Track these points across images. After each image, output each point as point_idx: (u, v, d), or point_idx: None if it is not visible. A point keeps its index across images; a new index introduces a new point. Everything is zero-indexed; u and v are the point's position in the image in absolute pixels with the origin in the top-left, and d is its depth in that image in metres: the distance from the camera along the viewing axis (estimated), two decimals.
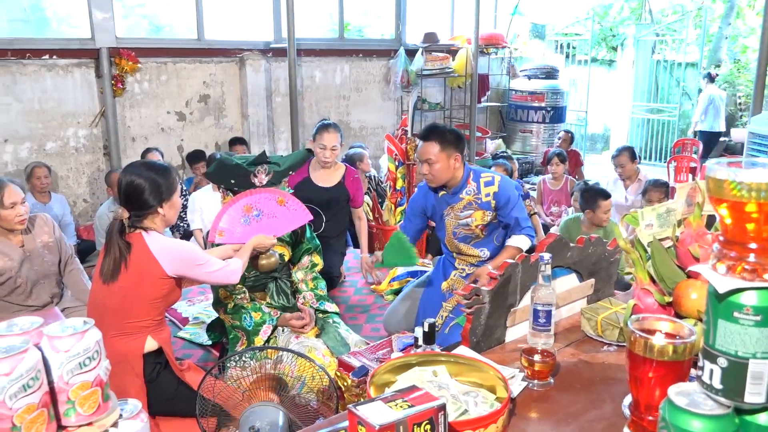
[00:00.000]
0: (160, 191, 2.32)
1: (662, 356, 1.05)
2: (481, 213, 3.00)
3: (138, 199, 2.31)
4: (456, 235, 3.07)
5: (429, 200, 3.14)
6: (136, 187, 2.31)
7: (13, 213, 2.96)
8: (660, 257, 1.46)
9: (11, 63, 5.14)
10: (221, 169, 2.88)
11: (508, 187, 3.01)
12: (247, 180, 2.84)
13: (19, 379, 0.89)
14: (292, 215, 2.86)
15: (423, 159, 2.94)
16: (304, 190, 3.97)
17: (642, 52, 10.07)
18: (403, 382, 1.36)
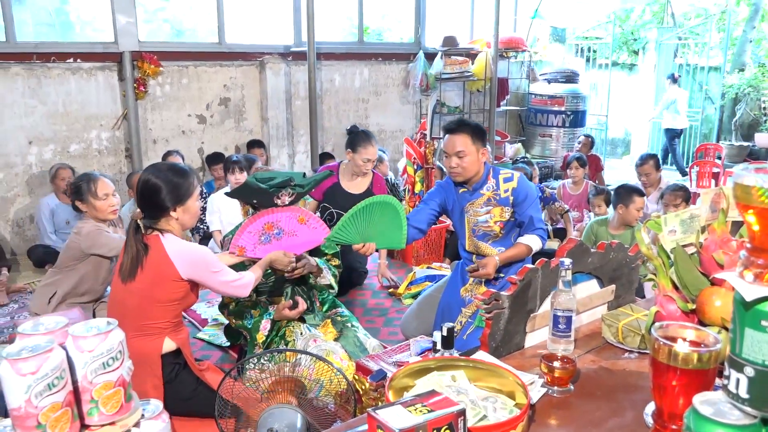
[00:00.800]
0: (174, 194, 2.33)
1: (687, 364, 1.03)
2: (500, 209, 3.00)
3: (151, 199, 2.34)
4: (475, 233, 3.06)
5: (449, 196, 3.13)
6: (151, 187, 2.33)
7: (106, 203, 3.23)
8: (683, 264, 1.44)
9: (36, 66, 5.23)
10: (245, 190, 2.90)
11: (526, 184, 3.03)
12: (270, 201, 2.86)
13: (44, 378, 0.91)
14: (311, 233, 2.87)
15: (453, 152, 2.92)
16: (333, 196, 4.08)
17: (664, 56, 9.96)
18: (421, 386, 1.36)
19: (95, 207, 3.23)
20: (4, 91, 5.11)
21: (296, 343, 2.90)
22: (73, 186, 3.32)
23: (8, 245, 5.25)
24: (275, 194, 2.83)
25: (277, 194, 2.84)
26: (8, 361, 0.90)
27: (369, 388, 2.40)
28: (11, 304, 4.23)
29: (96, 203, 3.22)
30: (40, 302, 3.32)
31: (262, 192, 2.82)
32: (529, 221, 2.98)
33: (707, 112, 9.90)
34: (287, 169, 6.60)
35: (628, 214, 4.05)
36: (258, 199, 2.87)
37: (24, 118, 5.23)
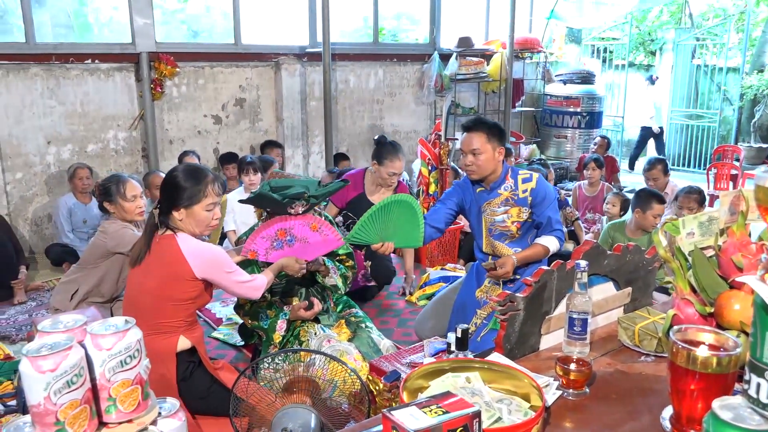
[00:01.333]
0: (181, 195, 2.34)
1: (706, 368, 1.02)
2: (518, 209, 2.99)
3: (163, 194, 2.39)
4: (492, 232, 3.05)
5: (466, 195, 3.13)
6: (166, 182, 2.39)
7: (134, 205, 3.29)
8: (701, 267, 1.43)
9: (55, 67, 5.29)
10: (260, 200, 2.92)
11: (545, 185, 3.02)
12: (284, 210, 2.88)
13: (63, 376, 0.92)
14: (323, 241, 2.90)
15: (468, 149, 2.93)
16: (359, 206, 4.02)
17: (681, 57, 9.87)
18: (436, 387, 1.35)
19: (123, 208, 3.28)
20: (23, 92, 5.18)
21: (310, 343, 2.91)
22: (101, 187, 3.36)
23: (27, 244, 5.32)
24: (289, 204, 2.85)
25: (290, 205, 2.86)
26: (28, 358, 0.91)
27: (383, 389, 2.40)
28: (29, 301, 4.28)
29: (124, 204, 3.28)
30: (62, 298, 3.37)
31: (277, 202, 2.84)
32: (547, 222, 2.97)
33: (725, 114, 9.78)
34: (302, 171, 6.62)
35: (645, 220, 4.01)
36: (272, 208, 2.90)
37: (43, 118, 5.29)
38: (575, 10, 9.08)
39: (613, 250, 1.90)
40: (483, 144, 2.91)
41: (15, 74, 5.12)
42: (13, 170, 5.23)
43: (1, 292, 4.28)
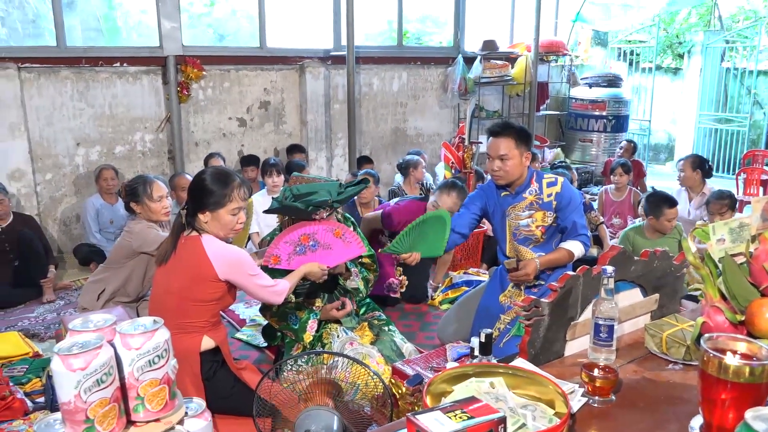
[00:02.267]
0: (207, 198, 2.36)
1: (738, 378, 1.00)
2: (542, 213, 2.96)
3: (191, 196, 2.41)
4: (516, 237, 3.03)
5: (490, 199, 3.11)
6: (194, 184, 2.42)
7: (160, 205, 3.34)
8: (732, 274, 1.40)
9: (85, 70, 5.39)
10: (284, 209, 2.96)
11: (570, 189, 2.99)
12: (308, 217, 2.91)
13: (93, 374, 0.93)
14: (346, 247, 2.90)
15: (496, 155, 2.91)
16: None
17: (710, 60, 9.71)
18: (459, 392, 1.35)
19: (149, 208, 3.33)
20: (54, 94, 5.28)
21: (333, 345, 2.92)
22: (128, 187, 3.41)
23: (55, 243, 5.42)
24: (313, 212, 2.88)
25: (315, 212, 2.88)
26: (60, 356, 0.93)
27: (405, 393, 2.40)
28: (58, 300, 4.35)
29: (151, 205, 3.33)
30: (89, 298, 3.42)
31: (301, 211, 2.87)
32: (572, 227, 2.95)
33: (756, 117, 9.60)
34: (325, 173, 6.64)
35: (659, 225, 3.97)
36: (296, 215, 2.91)
37: (72, 120, 5.39)
38: (601, 13, 8.99)
39: (641, 255, 1.88)
40: (511, 149, 2.89)
41: (46, 77, 5.22)
42: (44, 171, 5.33)
43: (31, 291, 4.36)
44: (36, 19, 5.53)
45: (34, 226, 4.68)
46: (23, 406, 2.75)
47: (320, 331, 2.97)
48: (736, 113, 9.51)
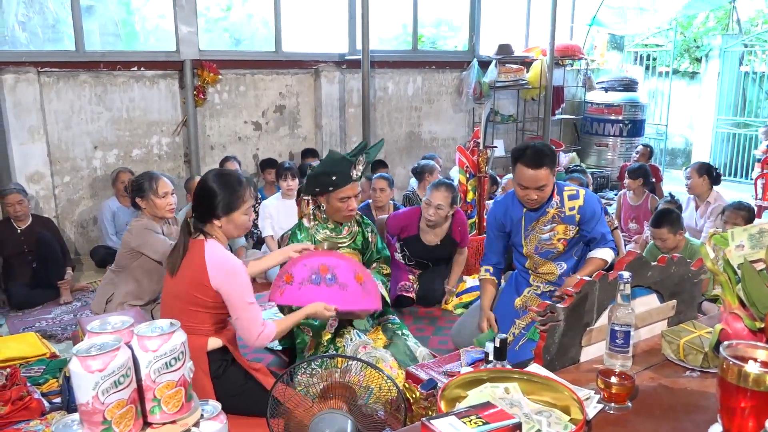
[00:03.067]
0: (222, 203, 2.34)
1: (758, 386, 0.99)
2: (564, 227, 2.94)
3: (201, 202, 2.38)
4: (537, 250, 3.00)
5: (510, 215, 3.05)
6: (204, 190, 2.38)
7: (165, 202, 3.37)
8: (751, 280, 1.39)
9: (103, 74, 5.45)
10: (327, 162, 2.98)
11: (593, 201, 2.95)
12: (347, 173, 2.92)
13: (111, 376, 0.94)
14: (363, 296, 2.70)
15: (535, 186, 2.79)
16: (413, 246, 4.17)
17: (728, 64, 9.61)
18: (474, 397, 1.34)
19: (155, 204, 3.36)
20: (73, 98, 5.35)
21: (346, 349, 2.92)
22: (134, 183, 3.44)
23: (73, 245, 5.48)
24: (353, 163, 2.92)
25: (354, 163, 2.92)
26: (78, 357, 0.94)
27: (419, 397, 2.40)
28: (75, 302, 4.40)
29: (156, 200, 3.35)
30: (98, 302, 3.45)
31: (344, 161, 2.91)
32: (601, 238, 2.92)
33: None
34: None
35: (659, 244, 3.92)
36: (337, 174, 2.92)
37: (90, 123, 5.46)
38: (618, 17, 8.94)
39: (658, 261, 1.86)
40: (548, 178, 2.80)
41: (65, 81, 5.29)
42: (62, 174, 5.40)
43: (49, 292, 4.41)
44: (56, 24, 5.61)
45: (53, 229, 4.74)
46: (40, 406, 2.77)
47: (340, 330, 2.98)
48: (754, 118, 9.40)
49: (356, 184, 3.00)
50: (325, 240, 3.06)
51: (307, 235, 3.04)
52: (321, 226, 3.07)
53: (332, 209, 3.03)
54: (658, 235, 3.88)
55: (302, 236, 3.05)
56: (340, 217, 3.05)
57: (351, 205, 2.99)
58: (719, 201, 4.90)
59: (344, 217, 3.06)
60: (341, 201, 2.97)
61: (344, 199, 2.97)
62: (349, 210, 3.00)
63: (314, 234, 3.05)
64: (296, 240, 3.05)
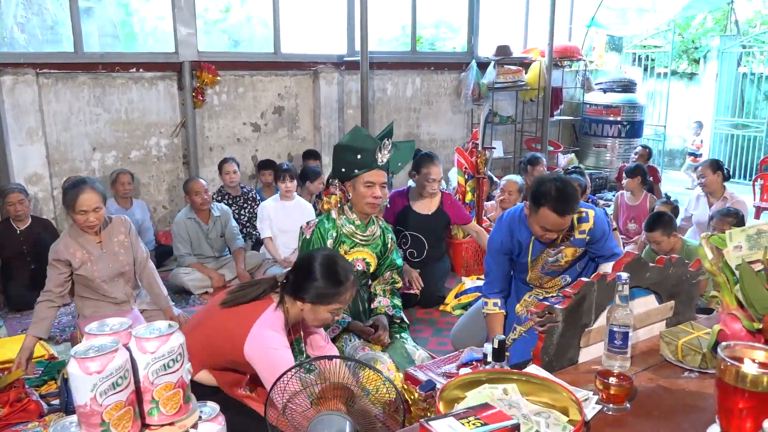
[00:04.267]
0: (314, 290, 2.24)
1: (756, 387, 0.99)
2: (573, 250, 2.89)
3: (296, 276, 2.28)
4: (543, 270, 2.98)
5: (517, 239, 2.92)
6: (306, 266, 2.27)
7: (82, 218, 3.12)
8: (749, 281, 1.39)
9: (102, 76, 5.45)
10: (356, 138, 2.94)
11: (602, 222, 2.87)
12: (373, 154, 2.90)
13: (109, 377, 0.94)
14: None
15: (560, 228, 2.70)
16: (405, 218, 4.30)
17: (726, 65, 9.63)
18: (472, 399, 1.34)
19: (73, 218, 3.17)
20: (71, 100, 5.34)
21: (344, 350, 2.92)
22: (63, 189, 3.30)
23: None
24: (378, 147, 2.89)
25: (379, 146, 2.90)
26: (76, 359, 0.94)
27: (418, 398, 2.39)
28: (73, 304, 4.39)
29: (73, 216, 3.14)
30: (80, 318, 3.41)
31: (369, 140, 2.91)
32: (611, 253, 2.87)
33: None
34: None
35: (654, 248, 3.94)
36: (362, 154, 2.89)
37: (89, 125, 5.45)
38: (616, 18, 8.95)
39: (656, 262, 1.86)
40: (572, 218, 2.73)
41: (63, 83, 5.29)
42: (60, 176, 5.39)
43: None
44: (54, 26, 5.61)
45: (52, 230, 4.73)
46: (38, 408, 2.77)
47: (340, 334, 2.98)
48: (752, 119, 9.42)
49: (382, 173, 2.96)
50: (350, 235, 3.02)
51: (334, 226, 3.00)
52: (348, 220, 3.03)
53: (358, 196, 2.97)
54: (652, 238, 3.90)
55: (329, 226, 3.00)
56: (364, 205, 2.97)
57: (376, 193, 2.94)
58: (735, 199, 4.90)
59: (369, 206, 2.98)
60: (366, 186, 2.93)
61: (369, 184, 2.93)
62: (374, 198, 2.94)
63: (341, 226, 3.01)
64: (323, 228, 2.99)
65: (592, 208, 2.89)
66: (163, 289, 3.50)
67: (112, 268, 3.26)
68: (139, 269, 3.41)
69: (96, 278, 3.22)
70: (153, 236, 5.42)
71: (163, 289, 3.50)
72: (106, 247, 3.26)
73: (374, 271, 3.15)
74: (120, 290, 3.33)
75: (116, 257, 3.27)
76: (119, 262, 3.28)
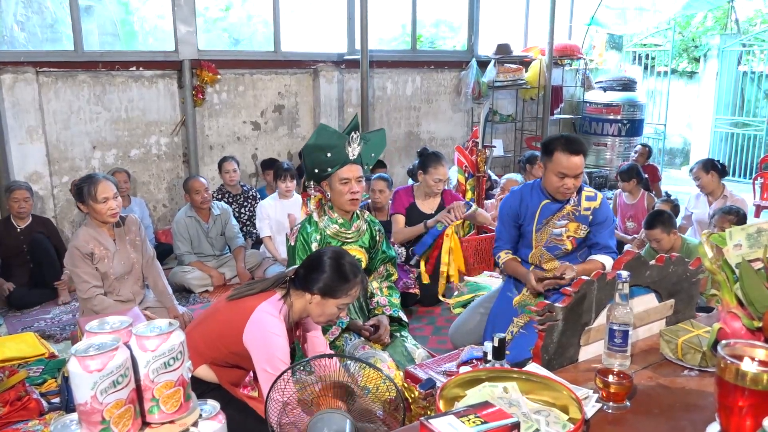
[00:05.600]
0: (323, 282, 2.25)
1: (756, 385, 0.99)
2: (576, 225, 2.99)
3: (306, 269, 2.30)
4: (546, 243, 3.03)
5: (526, 204, 3.07)
6: (316, 260, 2.30)
7: (105, 207, 3.23)
8: (749, 280, 1.39)
9: (102, 74, 5.45)
10: (322, 136, 2.93)
11: (607, 208, 3.04)
12: (343, 150, 2.89)
13: (109, 375, 0.94)
14: None
15: (576, 173, 2.86)
16: (410, 215, 4.38)
17: (727, 63, 9.62)
18: (473, 397, 1.34)
19: (95, 210, 3.23)
20: (71, 98, 5.34)
21: (345, 349, 2.92)
22: (76, 187, 3.34)
23: None
24: (346, 141, 2.90)
25: (347, 140, 2.90)
26: (77, 357, 0.94)
27: (418, 397, 2.40)
28: (73, 302, 4.39)
29: (95, 206, 3.22)
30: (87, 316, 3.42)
31: (336, 136, 2.91)
32: (604, 243, 2.99)
33: None
34: None
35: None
36: (332, 151, 2.89)
37: (89, 123, 5.45)
38: (616, 17, 8.94)
39: (656, 260, 1.86)
40: (583, 164, 2.90)
41: (63, 81, 5.29)
42: (60, 174, 5.40)
43: (47, 292, 4.41)
44: (54, 24, 5.60)
45: (52, 228, 4.74)
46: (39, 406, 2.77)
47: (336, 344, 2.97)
48: (753, 117, 9.42)
49: (356, 167, 2.95)
50: (335, 235, 3.01)
51: (317, 229, 3.00)
52: (331, 220, 3.02)
53: (336, 194, 2.96)
54: (652, 236, 3.91)
55: (312, 230, 2.98)
56: (345, 203, 2.96)
57: (353, 188, 2.93)
58: (735, 197, 4.91)
59: (350, 203, 2.97)
60: (343, 183, 2.92)
61: (345, 181, 2.91)
62: (353, 193, 2.93)
63: (324, 228, 3.00)
64: (306, 233, 2.98)
65: (602, 193, 3.06)
66: (168, 287, 3.57)
67: (125, 266, 3.36)
68: (146, 267, 3.47)
69: (110, 275, 3.28)
70: (152, 234, 5.42)
71: (168, 287, 3.57)
72: (120, 244, 3.33)
73: (367, 266, 3.15)
74: (128, 288, 3.40)
75: (128, 255, 3.35)
76: (131, 259, 3.36)
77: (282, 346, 2.22)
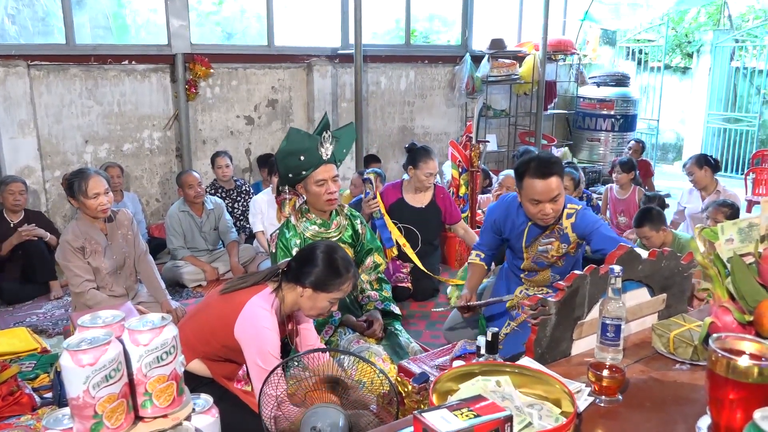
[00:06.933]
0: (314, 276, 2.25)
1: (746, 378, 1.00)
2: (558, 244, 2.85)
3: (298, 262, 2.29)
4: (535, 259, 2.97)
5: (512, 221, 2.93)
6: (308, 253, 2.29)
7: (95, 203, 3.22)
8: (741, 274, 1.40)
9: (94, 68, 5.41)
10: (293, 140, 2.86)
11: (585, 216, 2.78)
12: (315, 152, 2.85)
13: (102, 370, 0.94)
14: None
15: (549, 198, 2.63)
16: (399, 211, 4.30)
17: (719, 59, 9.66)
18: (466, 391, 1.35)
19: (86, 205, 3.23)
20: (63, 92, 5.31)
21: (339, 343, 2.92)
22: (67, 182, 3.34)
23: None
24: (318, 142, 2.85)
25: (320, 141, 2.85)
26: (69, 352, 0.94)
27: (412, 391, 2.40)
28: (65, 297, 4.38)
29: (86, 202, 3.22)
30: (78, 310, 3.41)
31: (307, 138, 2.86)
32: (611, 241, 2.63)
33: (765, 117, 9.54)
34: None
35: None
36: (305, 153, 2.85)
37: (81, 117, 5.42)
38: (610, 12, 8.95)
39: (648, 255, 1.87)
40: (559, 186, 2.64)
41: (55, 75, 5.25)
42: (52, 168, 5.36)
43: (39, 287, 4.39)
44: (46, 17, 5.56)
45: (45, 223, 4.71)
46: (31, 401, 2.76)
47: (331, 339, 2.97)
48: (745, 113, 9.46)
49: (330, 166, 2.91)
50: (314, 236, 2.99)
51: (296, 233, 2.96)
52: (309, 222, 2.99)
53: (313, 196, 2.93)
54: (642, 233, 3.93)
55: (290, 234, 2.94)
56: (322, 204, 2.94)
57: (330, 188, 2.89)
58: (728, 192, 4.95)
59: (328, 204, 2.94)
60: (318, 185, 2.88)
61: (321, 182, 2.88)
62: (329, 194, 2.90)
63: (303, 231, 2.97)
64: (285, 239, 2.95)
65: (579, 204, 2.87)
66: (161, 282, 3.56)
67: (117, 261, 3.34)
68: (139, 262, 3.46)
69: (102, 270, 3.27)
70: (145, 229, 5.40)
71: (161, 282, 3.56)
72: (112, 239, 3.31)
73: (354, 260, 3.15)
74: (121, 284, 3.39)
75: (120, 250, 3.34)
76: (123, 254, 3.35)
77: (273, 340, 2.23)
